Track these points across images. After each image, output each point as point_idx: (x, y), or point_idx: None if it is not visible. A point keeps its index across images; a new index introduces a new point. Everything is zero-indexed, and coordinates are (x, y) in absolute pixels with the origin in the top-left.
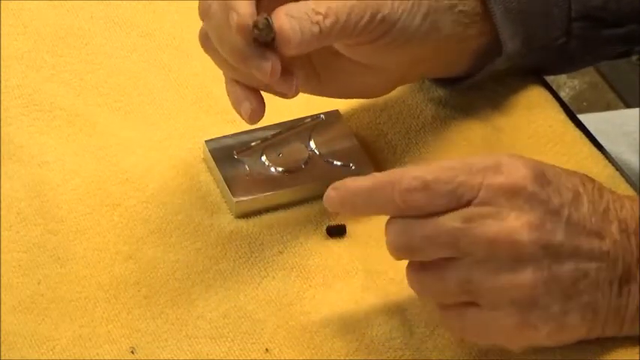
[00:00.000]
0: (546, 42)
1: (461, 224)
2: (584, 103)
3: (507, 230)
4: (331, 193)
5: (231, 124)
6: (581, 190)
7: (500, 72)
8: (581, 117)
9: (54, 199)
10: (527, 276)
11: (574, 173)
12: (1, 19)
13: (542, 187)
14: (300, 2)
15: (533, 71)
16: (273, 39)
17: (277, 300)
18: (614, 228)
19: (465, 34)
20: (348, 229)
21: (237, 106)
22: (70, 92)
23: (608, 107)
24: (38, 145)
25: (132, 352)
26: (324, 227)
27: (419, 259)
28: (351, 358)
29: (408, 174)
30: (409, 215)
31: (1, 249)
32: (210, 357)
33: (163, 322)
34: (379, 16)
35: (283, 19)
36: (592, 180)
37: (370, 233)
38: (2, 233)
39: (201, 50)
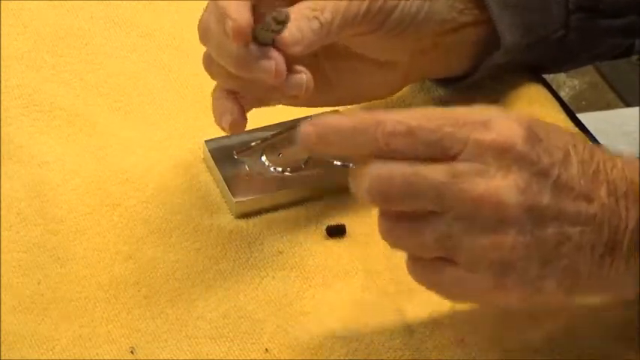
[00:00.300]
0: (545, 34)
1: (446, 179)
2: (584, 103)
3: (494, 190)
4: (308, 127)
5: None
6: (571, 149)
7: (500, 68)
8: (581, 116)
9: (54, 199)
10: (508, 238)
11: (565, 132)
12: (1, 19)
13: (532, 147)
14: (298, 4)
15: (533, 68)
16: (274, 40)
17: (277, 300)
18: (602, 191)
19: (461, 21)
20: (347, 229)
21: (218, 117)
22: (70, 92)
23: (608, 107)
24: (38, 145)
25: (132, 352)
26: (324, 227)
27: (395, 208)
28: (351, 358)
29: (393, 117)
30: (390, 159)
31: (1, 249)
32: (210, 357)
33: (163, 322)
34: (378, 2)
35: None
36: (583, 140)
37: (370, 233)
38: (2, 233)
39: (202, 50)
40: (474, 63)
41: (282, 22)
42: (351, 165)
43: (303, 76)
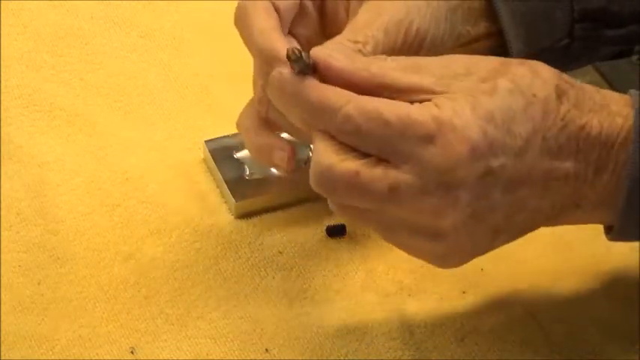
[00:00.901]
0: (550, 44)
1: (386, 191)
2: None
3: (431, 205)
4: (276, 75)
5: (231, 124)
6: (537, 125)
7: None
8: None
9: (54, 199)
10: (449, 240)
11: (535, 98)
12: (1, 19)
13: (478, 162)
14: (335, 38)
15: None
16: (312, 69)
17: (277, 300)
18: (568, 162)
19: (475, 33)
20: (347, 229)
21: (266, 155)
22: (70, 92)
23: None
24: (38, 145)
25: (132, 352)
26: (324, 227)
27: (340, 202)
28: (351, 358)
29: (345, 110)
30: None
31: (1, 249)
32: (210, 357)
33: (163, 322)
34: (414, 27)
35: (325, 54)
36: (561, 96)
37: (370, 233)
38: (2, 233)
39: (201, 50)
40: None
41: (297, 60)
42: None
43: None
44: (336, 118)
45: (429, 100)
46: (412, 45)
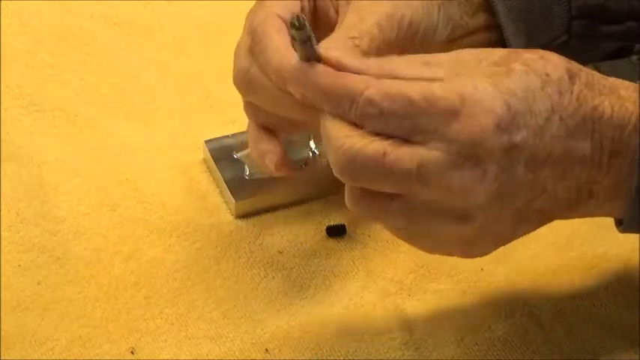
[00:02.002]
0: (547, 40)
1: (414, 170)
2: None
3: (459, 181)
4: (285, 63)
5: (231, 124)
6: (555, 104)
7: None
8: None
9: (54, 199)
10: (476, 222)
11: (549, 78)
12: (1, 19)
13: (502, 133)
14: (330, 36)
15: None
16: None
17: (277, 300)
18: (586, 144)
19: (473, 25)
20: (347, 229)
21: (260, 158)
22: (70, 92)
23: None
24: (38, 145)
25: (132, 353)
26: (324, 227)
27: (364, 186)
28: (351, 358)
29: (367, 93)
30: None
31: (1, 249)
32: (210, 357)
33: (163, 322)
34: (406, 20)
35: (335, 54)
36: (573, 77)
37: (370, 233)
38: (2, 233)
39: (201, 50)
40: None
41: (301, 27)
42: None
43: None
44: (358, 102)
45: None
46: (406, 37)
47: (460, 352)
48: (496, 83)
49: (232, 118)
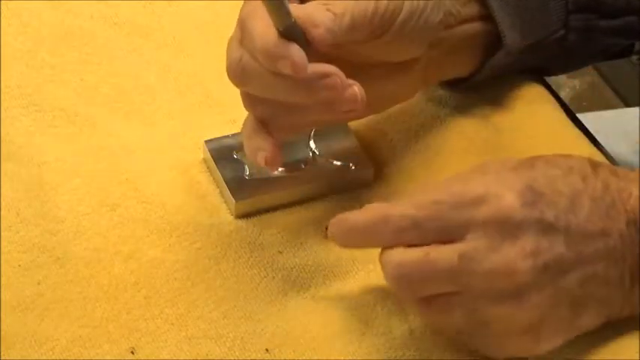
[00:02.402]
0: (545, 34)
1: (457, 261)
2: (584, 103)
3: (502, 261)
4: (332, 229)
5: (231, 124)
6: (580, 187)
7: (502, 71)
8: (581, 116)
9: (54, 199)
10: (532, 301)
11: (572, 169)
12: (1, 19)
13: (531, 208)
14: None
15: (535, 71)
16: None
17: (277, 300)
18: (621, 222)
19: (465, 14)
20: None
21: (252, 153)
22: (70, 92)
23: (608, 107)
24: (38, 145)
25: (132, 353)
26: (324, 227)
27: (422, 294)
28: (351, 358)
29: (396, 212)
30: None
31: (1, 249)
32: (210, 357)
33: (163, 322)
34: (383, 2)
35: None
36: (596, 167)
37: None
38: (2, 233)
39: (201, 50)
40: (478, 65)
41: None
42: (351, 165)
43: (357, 88)
44: (392, 225)
45: None
46: (382, 18)
47: (461, 352)
48: (518, 172)
49: (232, 118)
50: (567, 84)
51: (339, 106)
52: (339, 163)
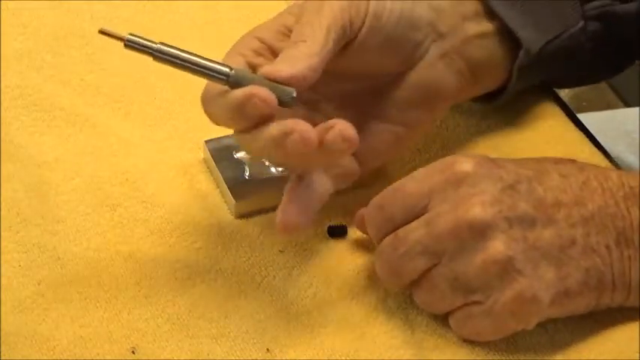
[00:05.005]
0: (562, 28)
1: (424, 230)
2: (584, 103)
3: (463, 214)
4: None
5: None
6: (550, 168)
7: (531, 75)
8: (581, 117)
9: (54, 199)
10: (498, 247)
11: (545, 159)
12: (1, 19)
13: (489, 169)
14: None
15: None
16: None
17: (278, 300)
18: (597, 196)
19: (477, 30)
20: (349, 229)
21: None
22: (70, 92)
23: (608, 107)
24: (38, 145)
25: (132, 353)
26: (325, 227)
27: (409, 278)
28: (352, 358)
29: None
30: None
31: (1, 249)
32: (211, 357)
33: (164, 322)
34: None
35: (273, 66)
36: (573, 160)
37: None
38: (2, 233)
39: (202, 50)
40: (506, 75)
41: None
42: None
43: (337, 128)
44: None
45: None
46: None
47: (461, 352)
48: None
49: None
50: None
51: (330, 148)
52: None
